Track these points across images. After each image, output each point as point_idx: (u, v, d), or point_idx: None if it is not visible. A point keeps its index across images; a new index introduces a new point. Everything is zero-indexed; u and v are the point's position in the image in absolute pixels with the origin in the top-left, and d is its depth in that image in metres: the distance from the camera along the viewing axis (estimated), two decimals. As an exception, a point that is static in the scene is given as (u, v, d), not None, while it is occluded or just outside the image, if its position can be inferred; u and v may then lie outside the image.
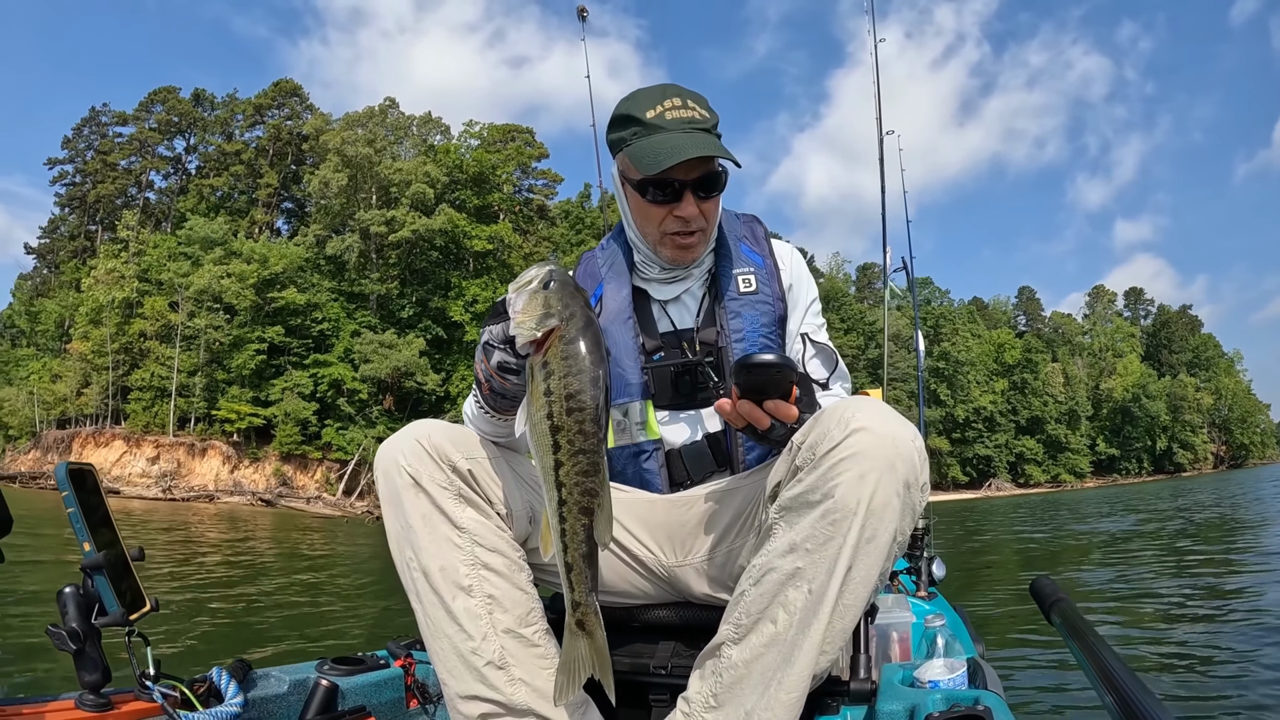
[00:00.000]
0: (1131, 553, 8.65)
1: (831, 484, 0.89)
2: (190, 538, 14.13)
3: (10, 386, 46.16)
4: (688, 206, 1.18)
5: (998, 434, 56.81)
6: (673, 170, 1.15)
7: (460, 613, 0.99)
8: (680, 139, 1.14)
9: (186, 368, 39.40)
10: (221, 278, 38.57)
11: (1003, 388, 57.98)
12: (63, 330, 46.65)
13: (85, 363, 42.05)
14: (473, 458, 1.05)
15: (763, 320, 1.26)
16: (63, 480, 0.97)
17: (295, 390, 38.69)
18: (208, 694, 1.03)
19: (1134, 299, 78.24)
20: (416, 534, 1.01)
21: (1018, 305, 74.40)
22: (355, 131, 41.48)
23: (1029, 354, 60.27)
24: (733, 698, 0.92)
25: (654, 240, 1.24)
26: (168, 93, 49.88)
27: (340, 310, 40.92)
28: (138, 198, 50.05)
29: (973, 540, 12.82)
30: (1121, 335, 69.51)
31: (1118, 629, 4.20)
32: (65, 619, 0.94)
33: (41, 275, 53.75)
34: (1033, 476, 58.19)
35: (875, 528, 0.88)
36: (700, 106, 1.20)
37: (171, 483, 37.80)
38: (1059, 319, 71.48)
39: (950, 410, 54.28)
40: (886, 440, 0.89)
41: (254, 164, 48.15)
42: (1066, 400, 61.13)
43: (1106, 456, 64.44)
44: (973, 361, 55.85)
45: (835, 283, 55.37)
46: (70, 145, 51.22)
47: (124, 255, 43.18)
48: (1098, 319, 71.71)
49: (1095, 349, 68.39)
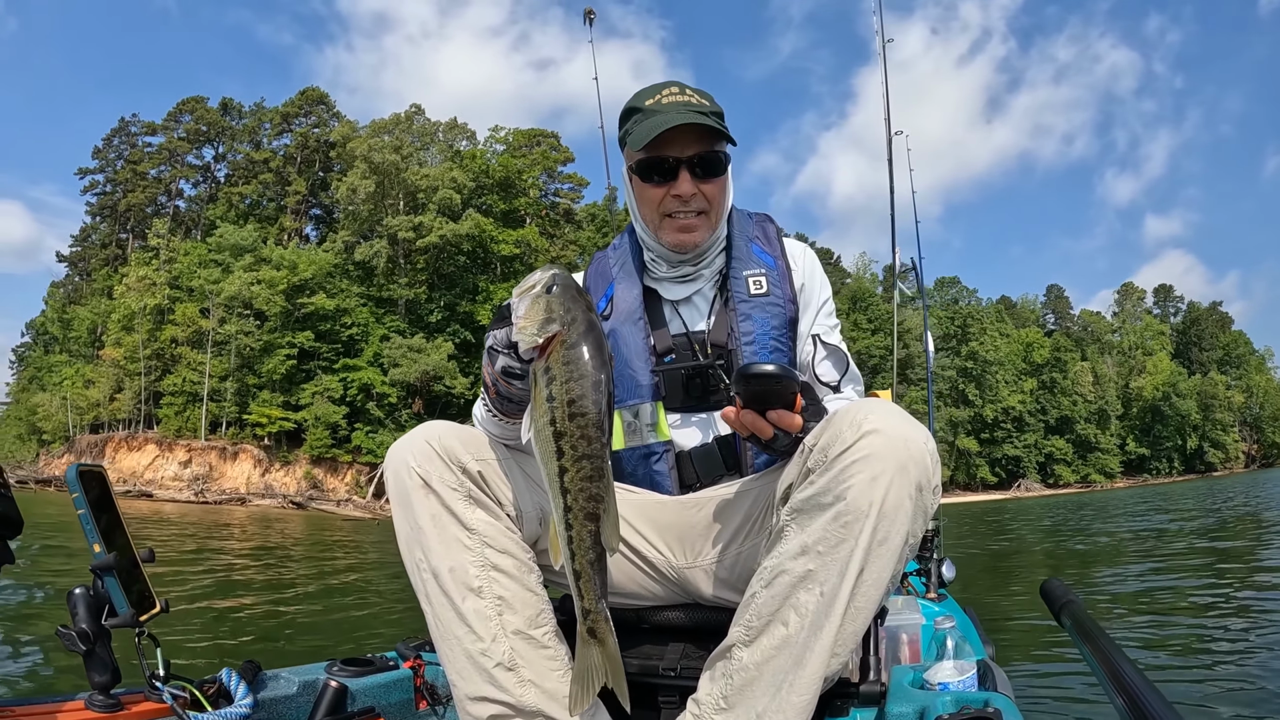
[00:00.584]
0: (1162, 553, 8.47)
1: (844, 486, 0.88)
2: (219, 538, 14.27)
3: (44, 392, 46.97)
4: (683, 184, 1.18)
5: (1027, 434, 56.18)
6: (667, 148, 1.17)
7: (470, 614, 0.98)
8: (672, 116, 1.15)
9: (218, 373, 40.01)
10: (252, 284, 39.15)
11: (1031, 387, 57.34)
12: (95, 337, 47.51)
13: (118, 368, 42.81)
14: (482, 459, 1.05)
15: (773, 323, 1.24)
16: (73, 482, 0.98)
17: (325, 394, 39.12)
18: (217, 695, 1.03)
19: (1163, 296, 77.04)
20: (426, 535, 1.00)
21: (1046, 304, 73.64)
22: (382, 138, 41.87)
23: (1058, 353, 59.56)
24: (743, 700, 0.91)
25: (655, 226, 1.24)
26: (196, 102, 50.65)
27: (369, 315, 41.34)
28: (167, 206, 50.86)
29: (997, 540, 12.63)
30: (1151, 333, 68.46)
31: (1145, 631, 4.13)
32: (75, 620, 0.94)
33: (73, 283, 54.72)
34: (1062, 477, 57.43)
35: (888, 530, 0.88)
36: (701, 96, 1.21)
37: (204, 486, 38.35)
38: (1088, 317, 70.63)
39: (979, 410, 53.77)
40: (899, 442, 0.88)
41: (282, 171, 48.76)
42: (1096, 399, 60.27)
43: (1137, 456, 63.42)
44: (1001, 361, 55.31)
45: (862, 283, 55.06)
46: (100, 155, 52.18)
47: (155, 263, 44.01)
48: (1127, 317, 70.71)
49: (1124, 347, 67.43)
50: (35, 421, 46.58)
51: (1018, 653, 3.66)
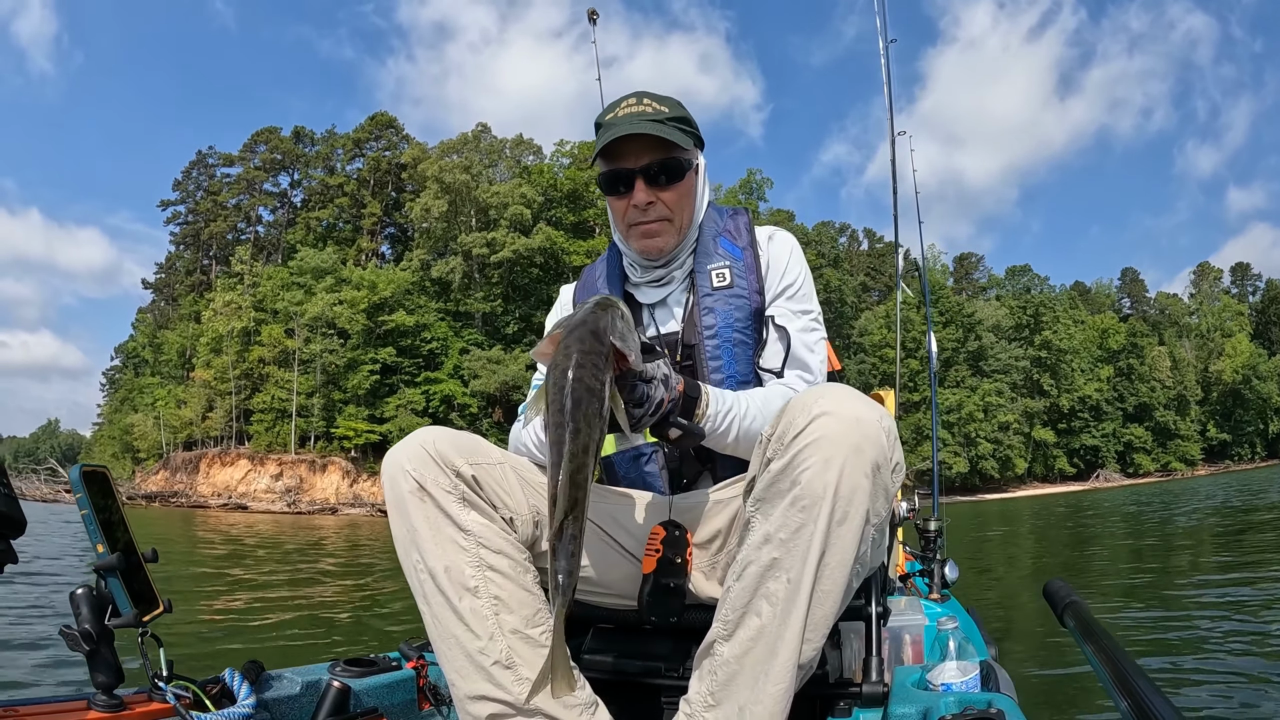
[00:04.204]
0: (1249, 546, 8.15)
1: (799, 471, 0.89)
2: (315, 544, 14.70)
3: (137, 413, 49.37)
4: (639, 193, 1.20)
5: (1105, 423, 54.52)
6: (623, 160, 1.19)
7: (467, 613, 1.00)
8: (622, 127, 1.17)
9: (304, 390, 41.66)
10: (334, 304, 40.80)
11: (1108, 374, 55.59)
12: (185, 359, 49.63)
13: (209, 389, 44.73)
14: (476, 463, 1.07)
15: (737, 315, 1.23)
16: (76, 483, 0.97)
17: (408, 407, 40.53)
18: (220, 695, 1.03)
19: (1241, 274, 73.69)
20: (422, 537, 1.02)
21: (1121, 288, 71.29)
22: (451, 158, 43.22)
23: (1134, 338, 57.60)
24: (728, 695, 0.92)
25: (624, 235, 1.27)
26: (270, 133, 52.96)
27: (447, 329, 42.66)
28: (247, 232, 53.26)
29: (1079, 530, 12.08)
30: (1230, 313, 65.61)
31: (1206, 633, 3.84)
32: (78, 620, 0.94)
33: (159, 308, 57.53)
34: (1142, 466, 55.54)
35: (845, 511, 0.88)
36: (660, 104, 1.21)
37: (295, 497, 39.99)
38: (1164, 300, 68.08)
39: (1054, 400, 52.45)
40: (849, 422, 0.89)
41: (356, 195, 50.70)
42: (1174, 385, 58.17)
43: (1218, 442, 60.92)
44: (1076, 349, 53.82)
45: (933, 274, 54.09)
46: (180, 187, 54.98)
47: (239, 288, 45.88)
48: (1204, 298, 67.95)
49: (1203, 330, 64.81)
50: (130, 440, 48.89)
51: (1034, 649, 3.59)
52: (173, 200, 55.24)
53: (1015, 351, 51.76)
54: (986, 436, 47.62)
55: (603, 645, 1.25)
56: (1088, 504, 23.97)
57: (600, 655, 1.22)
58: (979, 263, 68.19)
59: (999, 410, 48.68)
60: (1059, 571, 7.52)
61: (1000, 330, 52.39)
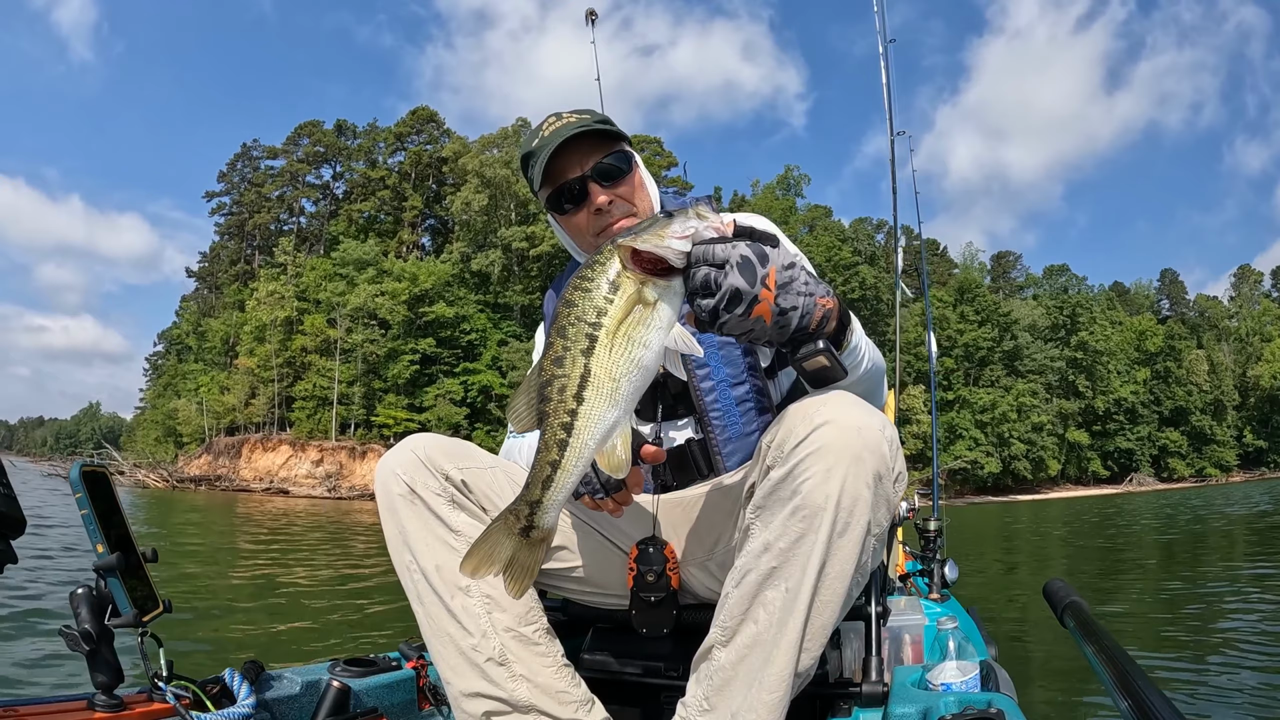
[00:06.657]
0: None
1: (799, 481, 0.88)
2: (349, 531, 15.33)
3: (180, 398, 50.63)
4: (597, 196, 1.16)
5: (1140, 426, 53.86)
6: (567, 173, 1.16)
7: (459, 611, 1.03)
8: (553, 139, 1.14)
9: (346, 378, 42.66)
10: (376, 295, 41.65)
11: (1144, 377, 54.88)
12: (229, 346, 50.77)
13: (252, 376, 45.82)
14: (464, 468, 1.11)
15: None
16: (76, 482, 0.96)
17: (447, 396, 41.35)
18: (220, 695, 1.04)
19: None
20: (413, 538, 1.05)
21: (1160, 289, 70.22)
22: (491, 153, 43.88)
23: (1172, 341, 56.77)
24: (722, 700, 0.92)
25: (593, 246, 1.19)
26: (313, 126, 54.11)
27: (487, 321, 43.44)
28: (290, 223, 54.52)
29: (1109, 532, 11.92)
30: (1270, 317, 64.30)
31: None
32: (78, 620, 0.94)
33: (202, 296, 58.95)
34: (1176, 470, 54.82)
35: (846, 522, 0.88)
36: (581, 114, 1.19)
37: (335, 483, 40.87)
38: (1204, 302, 66.90)
39: (1089, 402, 51.94)
40: (851, 432, 0.88)
41: (398, 188, 51.66)
42: (1212, 389, 57.28)
43: (1254, 449, 59.87)
44: (1112, 351, 53.23)
45: (970, 273, 53.90)
46: (225, 178, 56.42)
47: (283, 278, 46.89)
48: (1244, 301, 66.66)
49: (1242, 333, 63.62)
50: (174, 425, 50.09)
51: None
52: (217, 191, 56.73)
53: (1051, 352, 51.30)
54: (1020, 437, 47.37)
55: (603, 646, 1.27)
56: (1117, 508, 23.44)
57: (600, 656, 1.25)
58: (1016, 261, 67.53)
59: (1033, 411, 48.34)
60: (1080, 575, 7.49)
61: (1036, 330, 51.94)
